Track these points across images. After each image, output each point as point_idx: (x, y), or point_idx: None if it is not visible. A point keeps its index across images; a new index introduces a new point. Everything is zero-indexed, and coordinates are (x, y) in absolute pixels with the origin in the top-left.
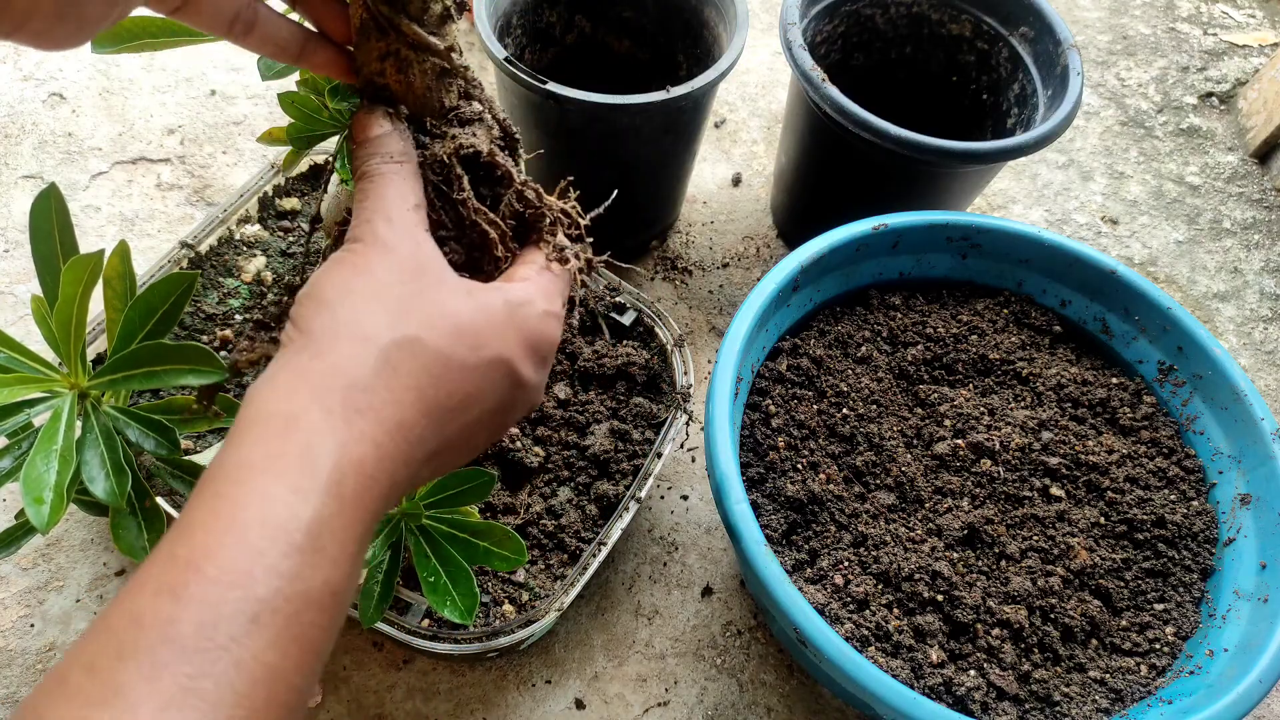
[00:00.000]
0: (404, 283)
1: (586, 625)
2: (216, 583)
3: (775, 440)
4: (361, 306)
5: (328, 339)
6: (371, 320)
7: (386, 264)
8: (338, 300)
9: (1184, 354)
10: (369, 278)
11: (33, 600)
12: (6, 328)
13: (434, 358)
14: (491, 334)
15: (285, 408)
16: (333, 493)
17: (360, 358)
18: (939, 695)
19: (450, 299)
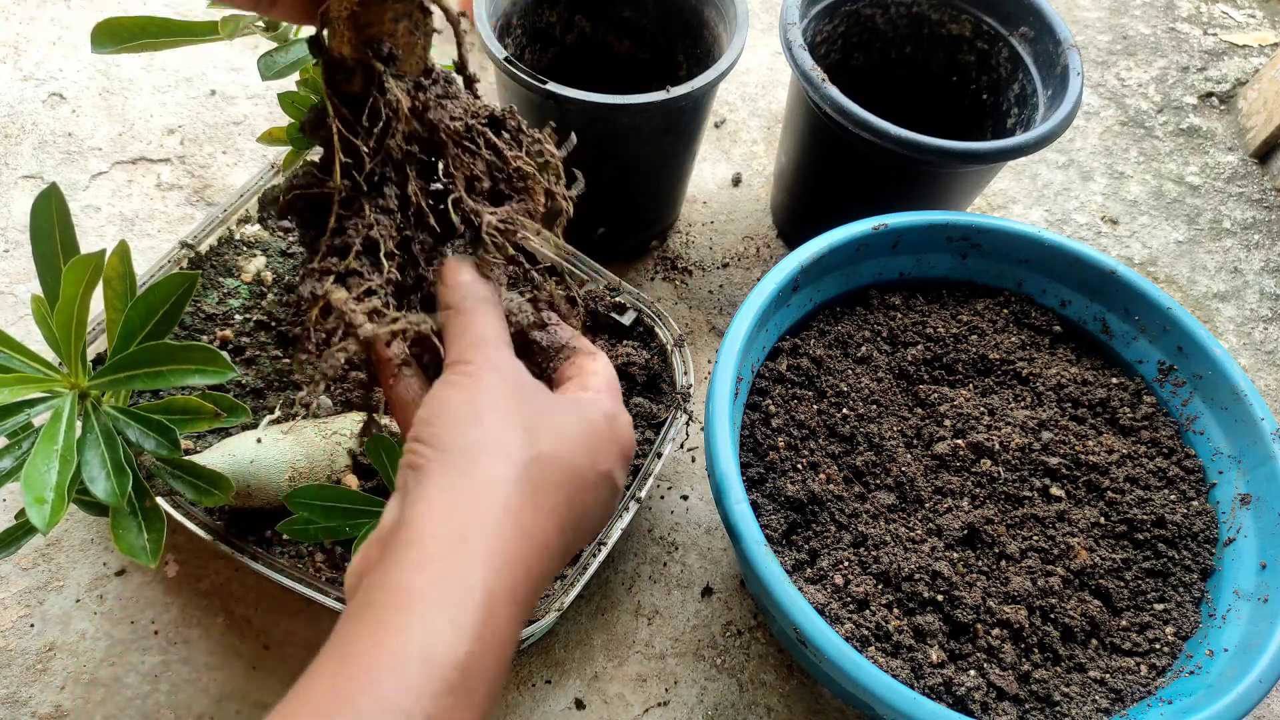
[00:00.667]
0: (523, 405)
1: (586, 625)
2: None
3: (775, 440)
4: (494, 425)
5: (469, 457)
6: (507, 438)
7: (503, 386)
8: (470, 419)
9: (1184, 354)
10: (493, 397)
11: (33, 600)
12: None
13: (567, 474)
14: (602, 449)
15: (445, 530)
16: (488, 626)
17: (506, 477)
18: (939, 695)
19: (563, 417)
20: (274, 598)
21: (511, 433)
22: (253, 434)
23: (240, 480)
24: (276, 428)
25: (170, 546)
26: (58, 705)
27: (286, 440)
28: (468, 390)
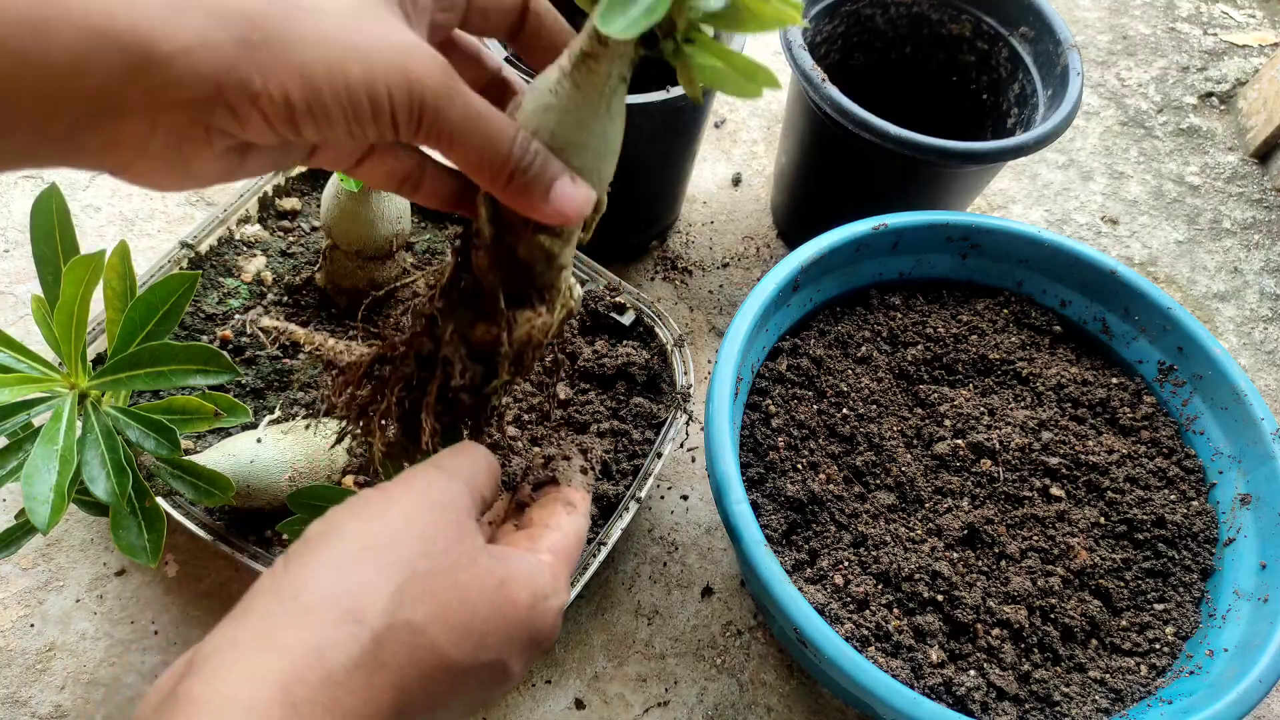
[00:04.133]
0: (430, 555)
1: (586, 625)
2: None
3: (775, 440)
4: (368, 573)
5: (318, 608)
6: (373, 596)
7: (422, 523)
8: (346, 555)
9: (1184, 354)
10: (393, 536)
11: (33, 600)
12: (6, 328)
13: (429, 654)
14: (503, 636)
15: (246, 696)
16: None
17: (346, 644)
18: (939, 695)
19: (476, 588)
20: None
21: (381, 590)
22: (253, 434)
23: (240, 480)
24: (276, 428)
25: (170, 546)
26: (58, 705)
27: (286, 440)
28: (370, 520)
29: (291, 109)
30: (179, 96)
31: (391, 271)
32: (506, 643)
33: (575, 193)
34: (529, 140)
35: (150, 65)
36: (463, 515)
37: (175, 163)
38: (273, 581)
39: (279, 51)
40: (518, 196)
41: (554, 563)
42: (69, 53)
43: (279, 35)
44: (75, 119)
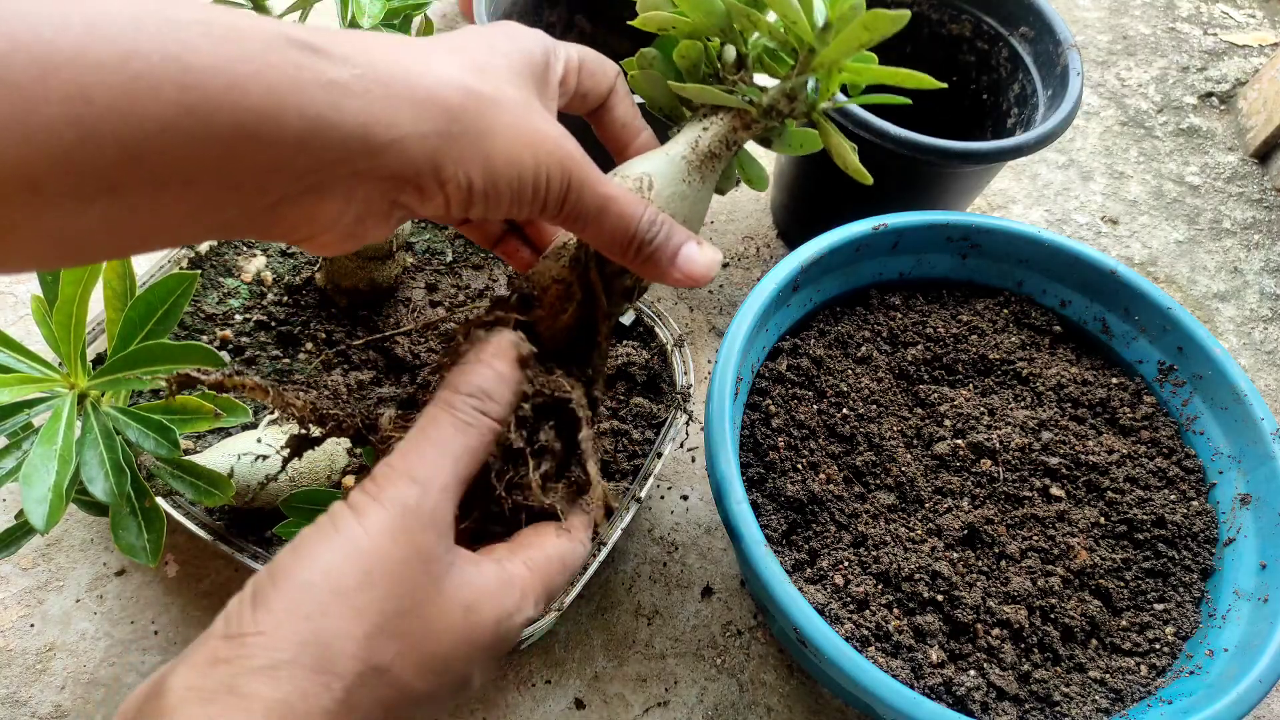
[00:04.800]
0: (398, 594)
1: (586, 625)
2: None
3: (775, 440)
4: (340, 621)
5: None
6: (344, 645)
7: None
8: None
9: (1184, 354)
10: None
11: (33, 600)
12: (6, 328)
13: (396, 691)
14: (465, 660)
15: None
16: None
17: (318, 696)
18: (939, 695)
19: (442, 620)
20: None
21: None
22: (253, 434)
23: (240, 480)
24: (276, 428)
25: (170, 546)
26: (58, 705)
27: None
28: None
29: (472, 192)
30: (382, 178)
31: (392, 271)
32: (469, 663)
33: (701, 255)
34: (656, 214)
35: (368, 151)
36: (432, 540)
37: (355, 233)
38: (239, 624)
39: (471, 142)
40: (647, 265)
41: (527, 578)
42: (296, 136)
43: (473, 128)
44: (284, 195)
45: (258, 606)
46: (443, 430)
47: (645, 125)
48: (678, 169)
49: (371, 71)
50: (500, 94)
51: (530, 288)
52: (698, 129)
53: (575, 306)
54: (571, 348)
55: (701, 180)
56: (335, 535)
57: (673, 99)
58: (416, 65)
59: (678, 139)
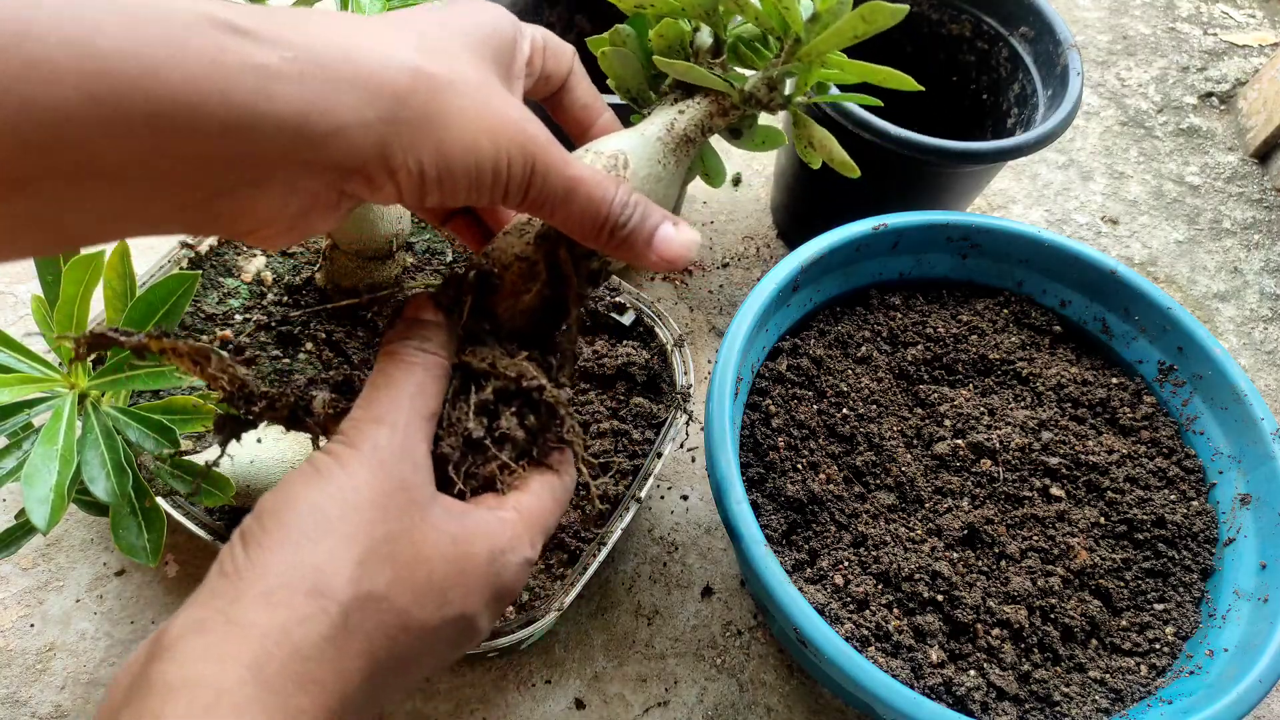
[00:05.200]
0: (385, 520)
1: (586, 625)
2: None
3: (775, 440)
4: (330, 546)
5: (282, 588)
6: (337, 568)
7: (373, 489)
8: (305, 532)
9: (1184, 354)
10: (347, 506)
11: (33, 600)
12: (6, 328)
13: (395, 618)
14: (463, 591)
15: (216, 677)
16: None
17: (314, 619)
18: (939, 695)
19: (431, 546)
20: None
21: (346, 560)
22: (253, 434)
23: (240, 480)
24: (276, 427)
25: (170, 546)
26: (58, 705)
27: (286, 440)
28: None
29: (424, 180)
30: (325, 168)
31: (391, 271)
32: (467, 597)
33: (679, 235)
34: (629, 194)
35: (306, 141)
36: (409, 471)
37: (299, 226)
38: (233, 563)
39: (421, 128)
40: (621, 248)
41: (517, 520)
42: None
43: (422, 113)
44: (217, 188)
45: (248, 545)
46: (391, 375)
47: (606, 106)
48: (653, 150)
49: (307, 54)
50: (454, 75)
51: (490, 265)
52: (673, 112)
53: (539, 287)
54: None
55: (675, 164)
56: (316, 477)
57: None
58: (360, 46)
59: (651, 120)
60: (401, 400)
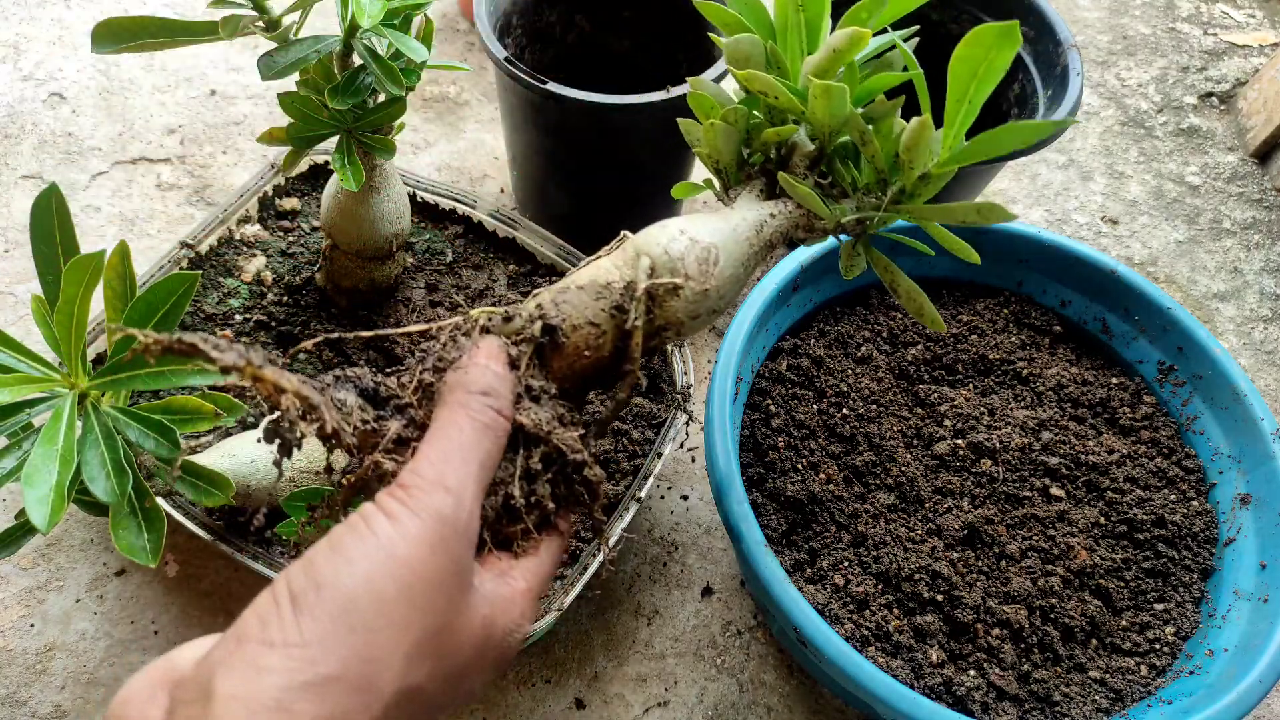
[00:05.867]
0: (435, 609)
1: (586, 625)
2: None
3: (775, 440)
4: (384, 640)
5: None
6: (388, 662)
7: (429, 568)
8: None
9: (1184, 354)
10: (403, 586)
11: (33, 600)
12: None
13: (423, 706)
14: (479, 671)
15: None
16: None
17: (358, 714)
18: (939, 695)
19: (466, 634)
20: None
21: (396, 656)
22: (253, 434)
23: (240, 480)
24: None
25: (170, 546)
26: (58, 705)
27: None
28: (383, 563)
29: None
30: None
31: (391, 271)
32: (481, 675)
33: None
34: None
35: None
36: (464, 550)
37: None
38: (281, 629)
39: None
40: None
41: (526, 592)
42: None
43: None
44: None
45: (300, 612)
46: (465, 434)
47: None
48: (741, 251)
49: None
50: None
51: (559, 320)
52: (763, 212)
53: (600, 358)
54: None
55: (752, 266)
56: (372, 539)
57: (734, 159)
58: None
59: (741, 212)
60: (472, 468)
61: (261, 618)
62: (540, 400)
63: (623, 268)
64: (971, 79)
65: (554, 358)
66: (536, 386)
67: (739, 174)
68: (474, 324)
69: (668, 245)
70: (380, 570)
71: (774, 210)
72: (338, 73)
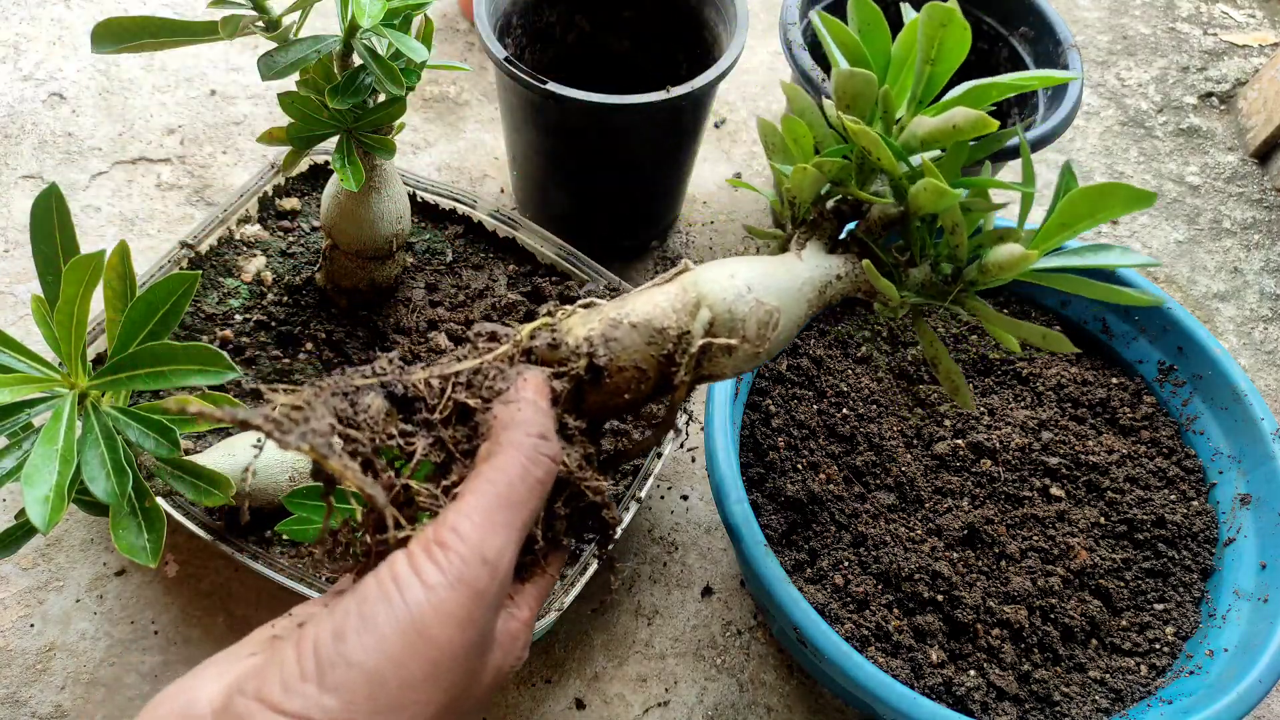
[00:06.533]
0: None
1: (586, 625)
2: None
3: (775, 440)
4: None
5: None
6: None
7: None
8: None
9: (1184, 354)
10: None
11: (33, 600)
12: (6, 328)
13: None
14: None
15: None
16: None
17: None
18: (939, 695)
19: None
20: (274, 597)
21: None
22: (252, 434)
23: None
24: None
25: (170, 546)
26: (58, 705)
27: None
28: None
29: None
30: None
31: (391, 271)
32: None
33: None
34: None
35: None
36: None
37: None
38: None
39: None
40: None
41: (528, 621)
42: None
43: None
44: None
45: (325, 688)
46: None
47: None
48: (800, 312)
49: None
50: None
51: (606, 360)
52: (830, 271)
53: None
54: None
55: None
56: (404, 612)
57: (811, 200)
58: None
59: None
60: (515, 534)
61: (285, 683)
62: (572, 440)
63: (680, 312)
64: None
65: (590, 393)
66: (571, 425)
67: (810, 209)
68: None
69: (733, 304)
70: (410, 653)
71: (841, 272)
72: (338, 73)
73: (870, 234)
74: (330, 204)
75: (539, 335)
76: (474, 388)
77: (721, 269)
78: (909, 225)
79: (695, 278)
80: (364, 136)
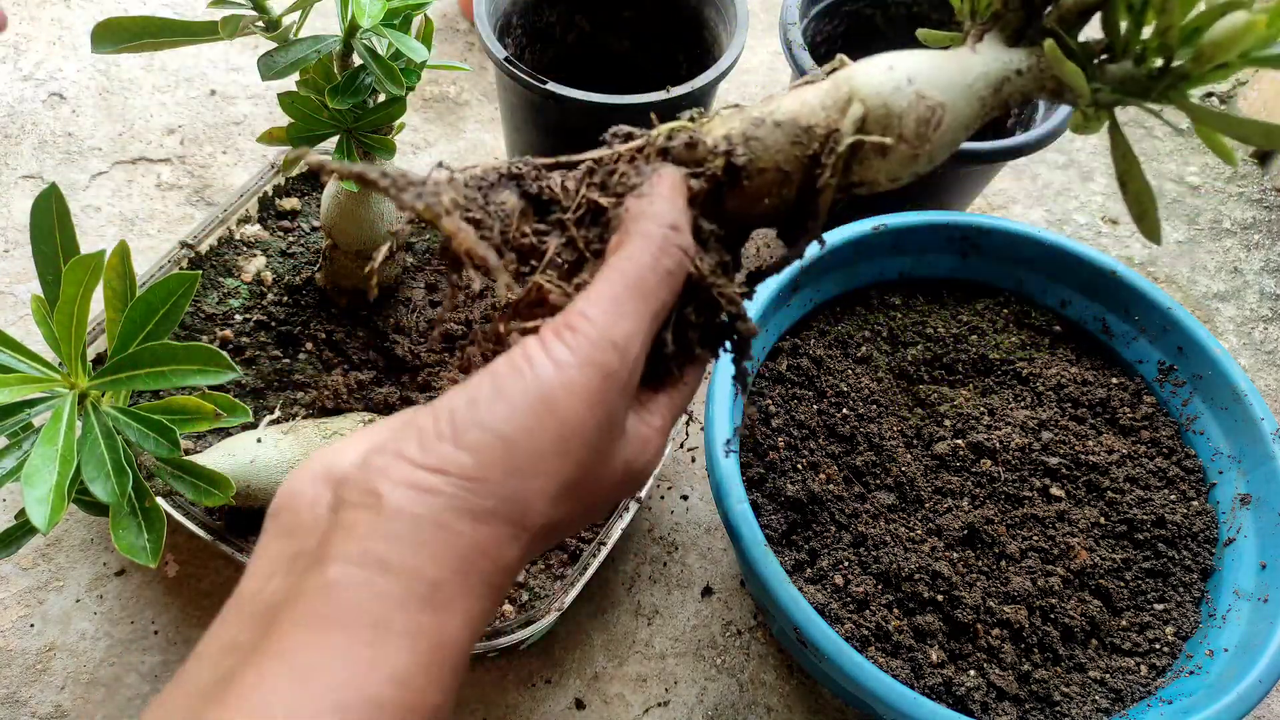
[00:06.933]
0: (585, 461)
1: (586, 625)
2: None
3: (775, 440)
4: (538, 486)
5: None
6: (539, 506)
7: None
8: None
9: (1184, 354)
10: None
11: (33, 600)
12: (6, 328)
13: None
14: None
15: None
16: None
17: (508, 544)
18: (939, 695)
19: (608, 478)
20: None
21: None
22: (253, 434)
23: (240, 480)
24: (276, 428)
25: (170, 546)
26: (58, 705)
27: (286, 440)
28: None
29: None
30: None
31: (392, 271)
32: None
33: None
34: None
35: None
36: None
37: None
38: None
39: None
40: None
41: (662, 428)
42: None
43: None
44: None
45: (462, 448)
46: (645, 276)
47: None
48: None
49: None
50: None
51: (746, 160)
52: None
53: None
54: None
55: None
56: (535, 384)
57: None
58: None
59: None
60: (644, 323)
61: (422, 442)
62: (707, 245)
63: (830, 109)
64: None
65: (728, 198)
66: (706, 229)
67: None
68: (653, 147)
69: (889, 97)
70: (539, 423)
71: (1023, 65)
72: (338, 73)
73: (1064, 23)
74: (330, 204)
75: (676, 136)
76: (607, 187)
77: (880, 60)
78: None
79: (850, 71)
80: (364, 137)
